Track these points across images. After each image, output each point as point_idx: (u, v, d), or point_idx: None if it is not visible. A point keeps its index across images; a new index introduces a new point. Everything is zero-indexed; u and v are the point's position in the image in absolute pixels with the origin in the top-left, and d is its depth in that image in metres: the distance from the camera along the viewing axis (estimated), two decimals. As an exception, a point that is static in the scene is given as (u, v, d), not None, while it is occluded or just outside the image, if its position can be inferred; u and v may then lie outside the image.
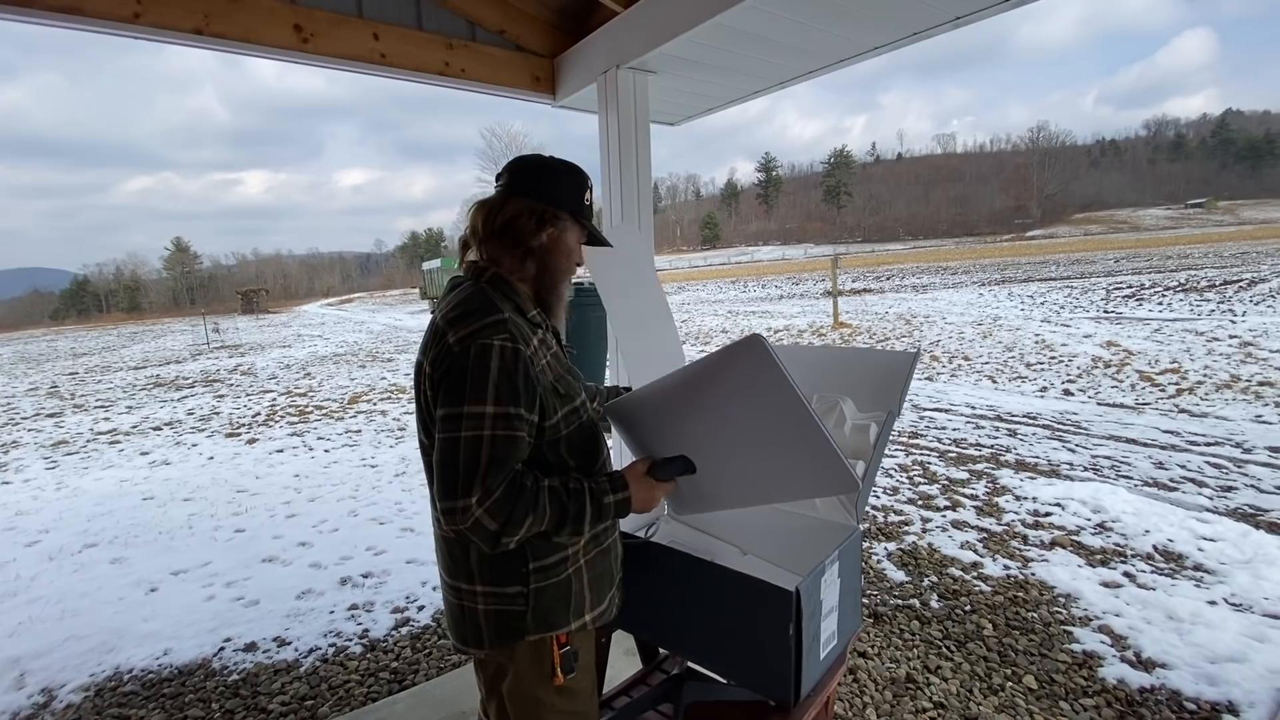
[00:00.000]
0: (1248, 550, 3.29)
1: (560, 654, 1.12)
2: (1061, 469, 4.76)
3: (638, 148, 2.43)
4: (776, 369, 0.98)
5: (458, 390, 1.00)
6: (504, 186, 1.16)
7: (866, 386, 1.65)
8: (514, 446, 1.02)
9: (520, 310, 1.12)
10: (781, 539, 1.53)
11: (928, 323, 13.85)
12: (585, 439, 1.19)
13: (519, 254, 1.15)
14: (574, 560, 1.15)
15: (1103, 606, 2.80)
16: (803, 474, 1.04)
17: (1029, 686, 2.27)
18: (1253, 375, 7.85)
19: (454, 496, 0.97)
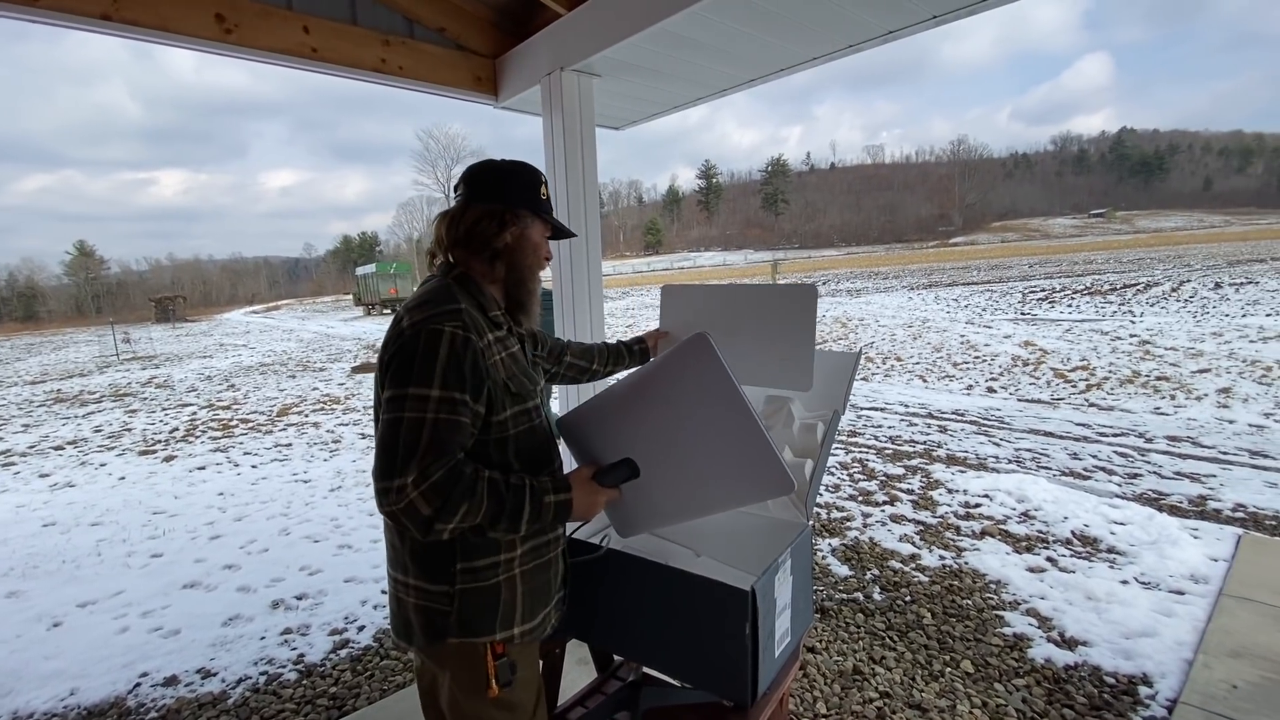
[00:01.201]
0: (1153, 532, 3.56)
1: (495, 665, 1.11)
2: (988, 462, 5.03)
3: (583, 152, 2.42)
4: (720, 367, 1.00)
5: (405, 372, 1.02)
6: (463, 195, 1.20)
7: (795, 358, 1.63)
8: (456, 432, 1.02)
9: (482, 307, 1.15)
10: (734, 540, 1.54)
11: (862, 325, 14.41)
12: (536, 444, 1.19)
13: (486, 257, 1.19)
14: (506, 568, 1.13)
15: (1029, 590, 2.96)
16: (742, 476, 1.06)
17: (966, 671, 2.38)
18: (1151, 371, 8.54)
19: (390, 476, 0.97)
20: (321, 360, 15.06)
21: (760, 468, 1.02)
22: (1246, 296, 14.32)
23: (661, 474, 1.14)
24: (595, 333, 2.44)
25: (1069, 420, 6.47)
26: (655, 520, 1.19)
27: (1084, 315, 13.79)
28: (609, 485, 1.16)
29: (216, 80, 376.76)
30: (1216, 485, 4.38)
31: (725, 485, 1.08)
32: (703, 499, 1.12)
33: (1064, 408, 7.18)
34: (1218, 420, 6.41)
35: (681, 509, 1.15)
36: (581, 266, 2.39)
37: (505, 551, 1.13)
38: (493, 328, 1.15)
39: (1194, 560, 3.22)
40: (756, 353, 1.62)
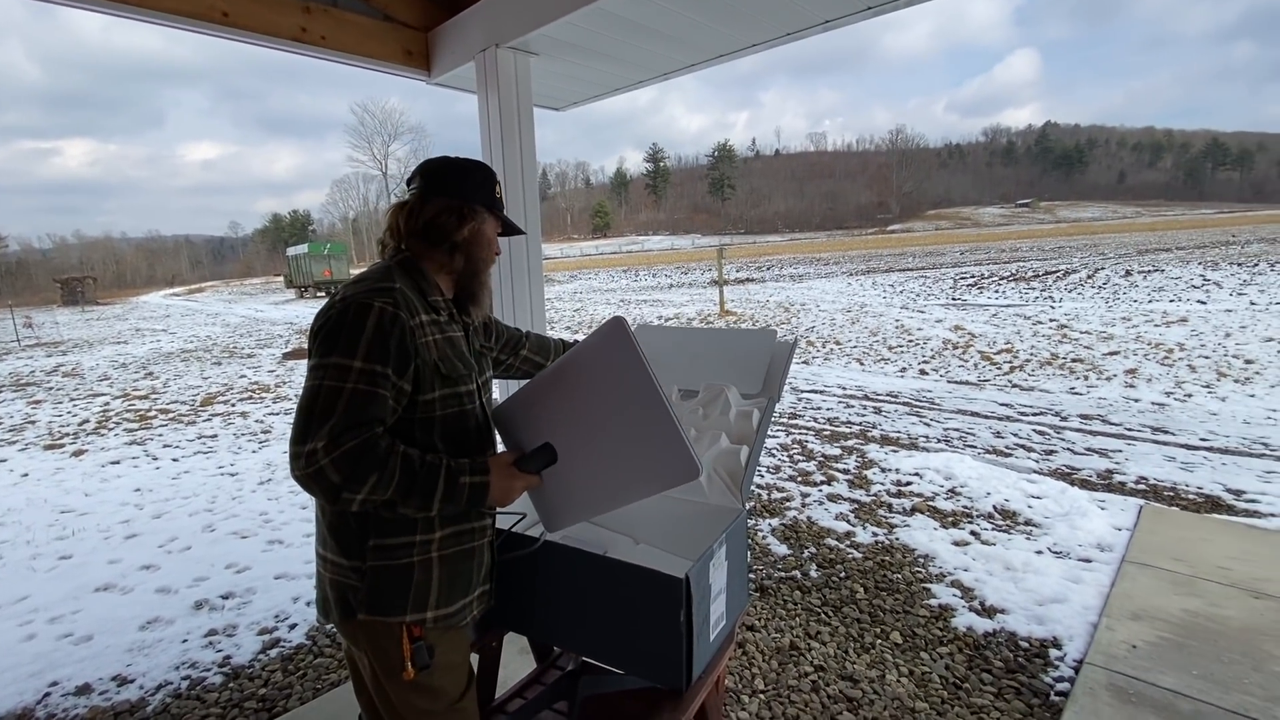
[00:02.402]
0: (1065, 505, 3.82)
1: (412, 647, 1.12)
2: (919, 442, 5.26)
3: (521, 132, 2.35)
4: (633, 350, 1.00)
5: (330, 343, 1.04)
6: (420, 188, 1.22)
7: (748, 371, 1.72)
8: (373, 403, 1.03)
9: (421, 290, 1.17)
10: (672, 526, 1.55)
11: (804, 310, 14.77)
12: (466, 429, 1.19)
13: (444, 249, 1.21)
14: (422, 550, 1.14)
15: (954, 563, 3.13)
16: (651, 463, 1.07)
17: (895, 642, 2.49)
18: (1067, 353, 9.11)
19: (303, 440, 0.98)
20: (250, 346, 14.30)
21: (667, 453, 1.03)
22: (1153, 283, 15.44)
23: (580, 462, 1.14)
24: (536, 318, 2.40)
25: (993, 400, 6.83)
26: (577, 512, 1.19)
27: (1009, 300, 14.56)
28: (529, 471, 1.16)
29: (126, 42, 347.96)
30: (1122, 460, 4.72)
31: (636, 472, 1.09)
32: (616, 488, 1.12)
33: (989, 389, 7.58)
34: (1125, 399, 6.90)
35: (599, 499, 1.15)
36: (521, 250, 2.34)
37: (422, 532, 1.14)
38: (429, 310, 1.18)
39: (1101, 530, 3.47)
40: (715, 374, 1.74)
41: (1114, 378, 7.88)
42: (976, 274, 20.40)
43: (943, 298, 15.74)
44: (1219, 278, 15.40)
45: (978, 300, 14.94)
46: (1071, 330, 10.54)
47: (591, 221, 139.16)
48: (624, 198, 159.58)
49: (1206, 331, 9.65)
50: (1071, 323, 11.12)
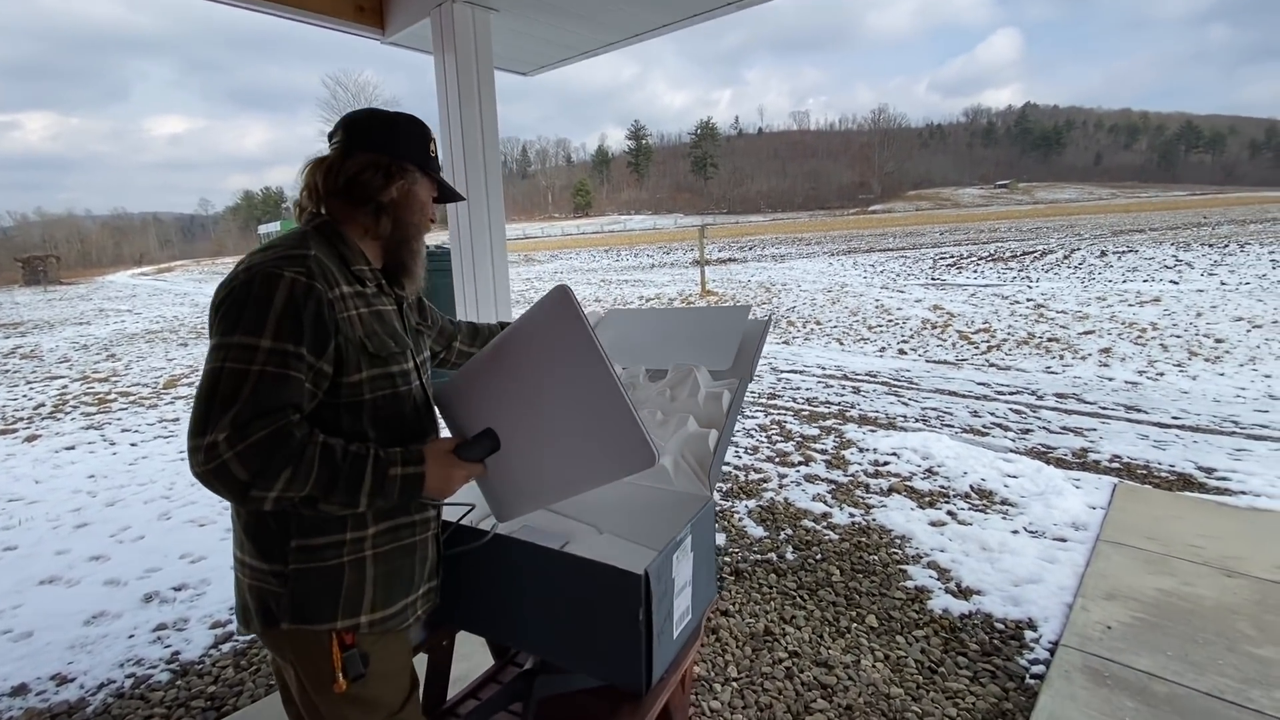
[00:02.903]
0: (1041, 484, 3.81)
1: (343, 656, 1.01)
2: (897, 421, 5.24)
3: (480, 95, 2.19)
4: (580, 322, 0.89)
5: (232, 320, 0.91)
6: (341, 142, 1.08)
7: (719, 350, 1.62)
8: (285, 388, 0.90)
9: (343, 258, 1.05)
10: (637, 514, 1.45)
11: (785, 290, 14.72)
12: (401, 413, 1.07)
13: (369, 211, 1.08)
14: (354, 549, 1.02)
15: (930, 544, 3.09)
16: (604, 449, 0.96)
17: (871, 625, 2.45)
18: (1044, 333, 9.18)
19: (202, 432, 0.85)
20: (220, 327, 13.86)
21: (621, 438, 0.92)
22: (1127, 264, 15.63)
23: (527, 448, 1.03)
24: (500, 301, 2.27)
25: (971, 380, 6.84)
26: (528, 502, 1.08)
27: (987, 281, 14.65)
28: (470, 459, 1.04)
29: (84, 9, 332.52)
30: (1096, 439, 4.74)
31: (587, 460, 0.98)
32: (568, 476, 1.02)
33: (967, 368, 7.60)
34: (1099, 378, 6.96)
35: (550, 488, 1.05)
36: (482, 226, 2.20)
37: (353, 530, 1.02)
38: (353, 281, 1.04)
39: (1076, 509, 3.46)
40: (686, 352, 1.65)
41: (1089, 357, 7.95)
42: (956, 254, 20.50)
43: (922, 278, 15.79)
44: (1191, 258, 15.64)
45: (956, 280, 15.01)
46: (1048, 310, 10.62)
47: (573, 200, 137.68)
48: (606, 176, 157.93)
49: (1179, 311, 9.78)
50: (1048, 302, 11.20)
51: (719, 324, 1.72)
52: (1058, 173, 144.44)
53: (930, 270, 17.07)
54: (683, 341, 1.72)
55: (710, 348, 1.65)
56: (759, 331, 1.66)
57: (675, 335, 1.75)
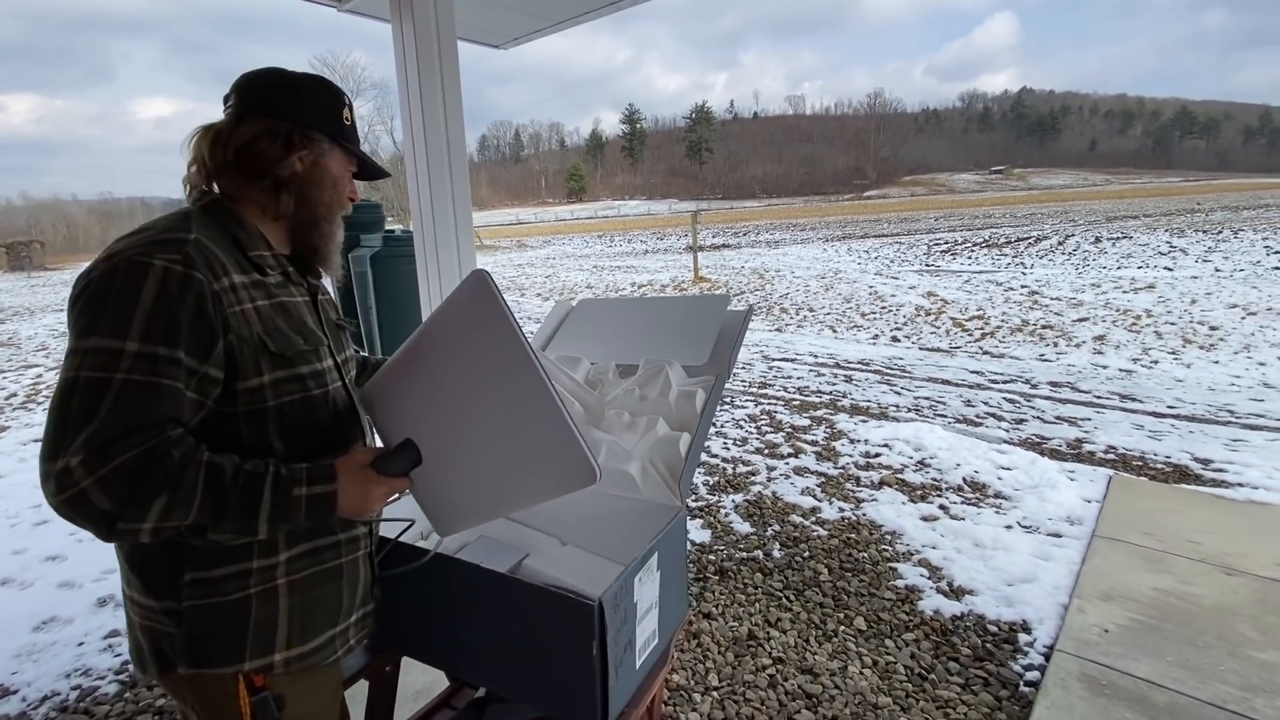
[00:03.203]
0: (1035, 476, 3.72)
1: (252, 701, 0.87)
2: (889, 411, 5.13)
3: (442, 66, 2.03)
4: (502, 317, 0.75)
5: (91, 319, 0.75)
6: (234, 107, 0.93)
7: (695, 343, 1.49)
8: (156, 398, 0.75)
9: (237, 243, 0.90)
10: (603, 525, 1.33)
11: (778, 276, 14.58)
12: (312, 422, 0.92)
13: (267, 186, 0.93)
14: (262, 578, 0.88)
15: (922, 540, 2.99)
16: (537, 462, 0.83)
17: (859, 629, 2.34)
18: (1038, 320, 9.09)
19: (53, 456, 0.71)
20: (204, 313, 13.61)
21: (556, 451, 0.79)
22: (1121, 250, 15.55)
23: (455, 460, 0.89)
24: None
25: (964, 368, 6.75)
26: (465, 518, 0.95)
27: (982, 267, 14.55)
28: (391, 474, 0.90)
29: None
30: (1091, 429, 4.65)
31: (520, 474, 0.85)
32: (502, 492, 0.88)
33: (960, 355, 7.51)
34: (1093, 365, 6.88)
35: (486, 504, 0.91)
36: (446, 208, 2.05)
37: (262, 556, 0.88)
38: (249, 269, 0.89)
39: (1070, 503, 3.37)
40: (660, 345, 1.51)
41: (1083, 344, 7.87)
42: (950, 240, 20.38)
43: (916, 264, 15.67)
44: (1185, 244, 15.58)
45: (951, 266, 14.90)
46: (1042, 297, 10.53)
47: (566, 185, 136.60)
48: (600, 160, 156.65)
49: (1173, 298, 9.71)
50: (1042, 289, 11.11)
51: (696, 315, 1.59)
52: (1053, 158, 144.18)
53: (924, 256, 16.95)
54: (656, 334, 1.59)
55: (686, 340, 1.52)
56: (739, 323, 1.53)
57: (649, 327, 1.62)
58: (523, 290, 16.13)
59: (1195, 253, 14.36)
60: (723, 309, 1.57)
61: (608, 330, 1.66)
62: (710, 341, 1.47)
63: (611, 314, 1.71)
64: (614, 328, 1.66)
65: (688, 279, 15.06)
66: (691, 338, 1.51)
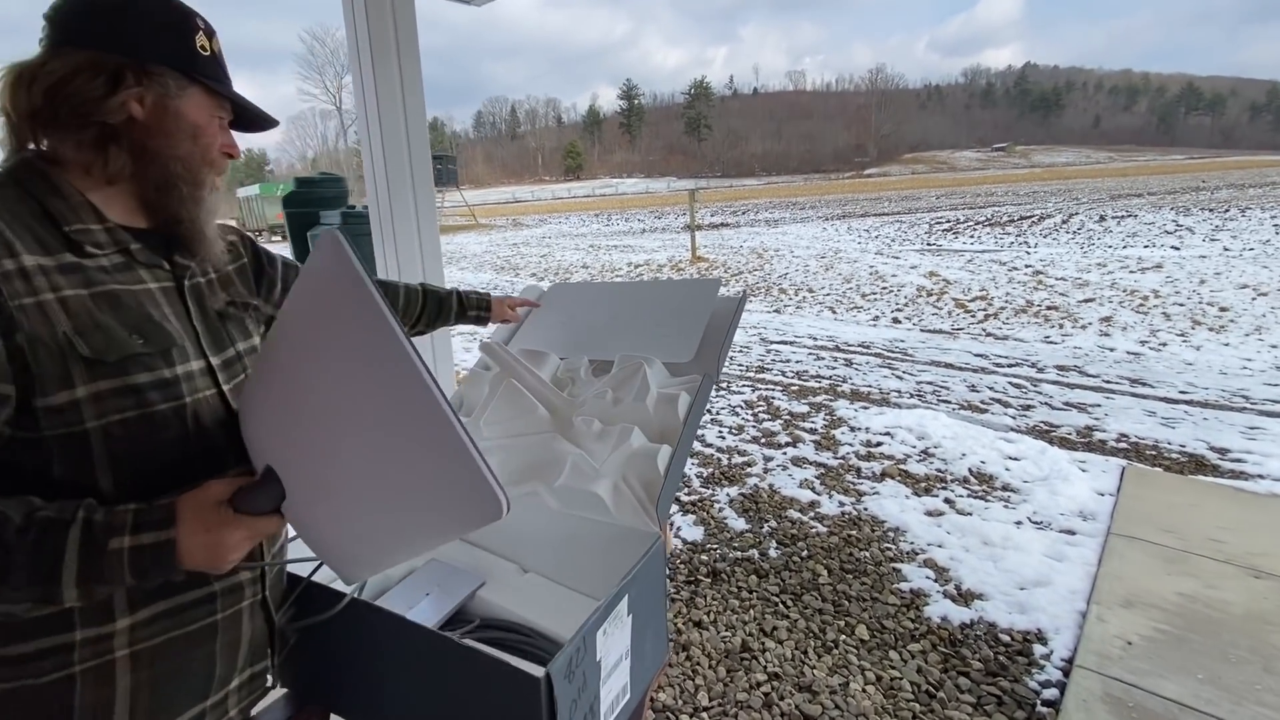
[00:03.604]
0: (1045, 467, 3.54)
1: None
2: (891, 397, 4.95)
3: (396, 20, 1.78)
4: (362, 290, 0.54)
5: None
6: (46, 38, 0.72)
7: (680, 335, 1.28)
8: None
9: (49, 214, 0.68)
10: (570, 549, 1.14)
11: (777, 256, 14.31)
12: (154, 449, 0.70)
13: (89, 138, 0.70)
14: (92, 652, 0.68)
15: (927, 538, 2.82)
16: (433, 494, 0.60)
17: (861, 638, 2.18)
18: (1042, 301, 8.87)
19: None
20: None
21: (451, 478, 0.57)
22: (1126, 229, 15.28)
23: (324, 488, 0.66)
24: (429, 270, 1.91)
25: (968, 351, 6.56)
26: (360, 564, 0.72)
27: (984, 246, 14.28)
28: (255, 512, 0.67)
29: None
30: (1101, 415, 4.47)
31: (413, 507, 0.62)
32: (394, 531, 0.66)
33: (963, 338, 7.31)
34: (1100, 348, 6.69)
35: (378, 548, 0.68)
36: (403, 179, 1.82)
37: (89, 625, 0.67)
38: (58, 248, 0.67)
39: (1082, 496, 3.20)
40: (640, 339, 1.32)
41: (1089, 326, 7.68)
42: (952, 219, 20.06)
43: (918, 243, 15.40)
44: (1191, 223, 15.31)
45: (953, 246, 14.64)
46: (1047, 277, 10.29)
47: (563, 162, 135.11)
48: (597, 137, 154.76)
49: (1181, 278, 9.48)
50: (1047, 269, 10.87)
51: (682, 302, 1.38)
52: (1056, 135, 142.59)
53: (926, 235, 16.66)
54: (636, 324, 1.38)
55: (669, 333, 1.31)
56: (731, 312, 1.33)
57: (628, 316, 1.41)
58: (517, 270, 15.85)
59: (1202, 231, 14.10)
60: (713, 295, 1.36)
61: (581, 320, 1.46)
62: (698, 334, 1.27)
63: (586, 301, 1.50)
64: (588, 317, 1.45)
65: (685, 258, 14.78)
66: (676, 329, 1.31)
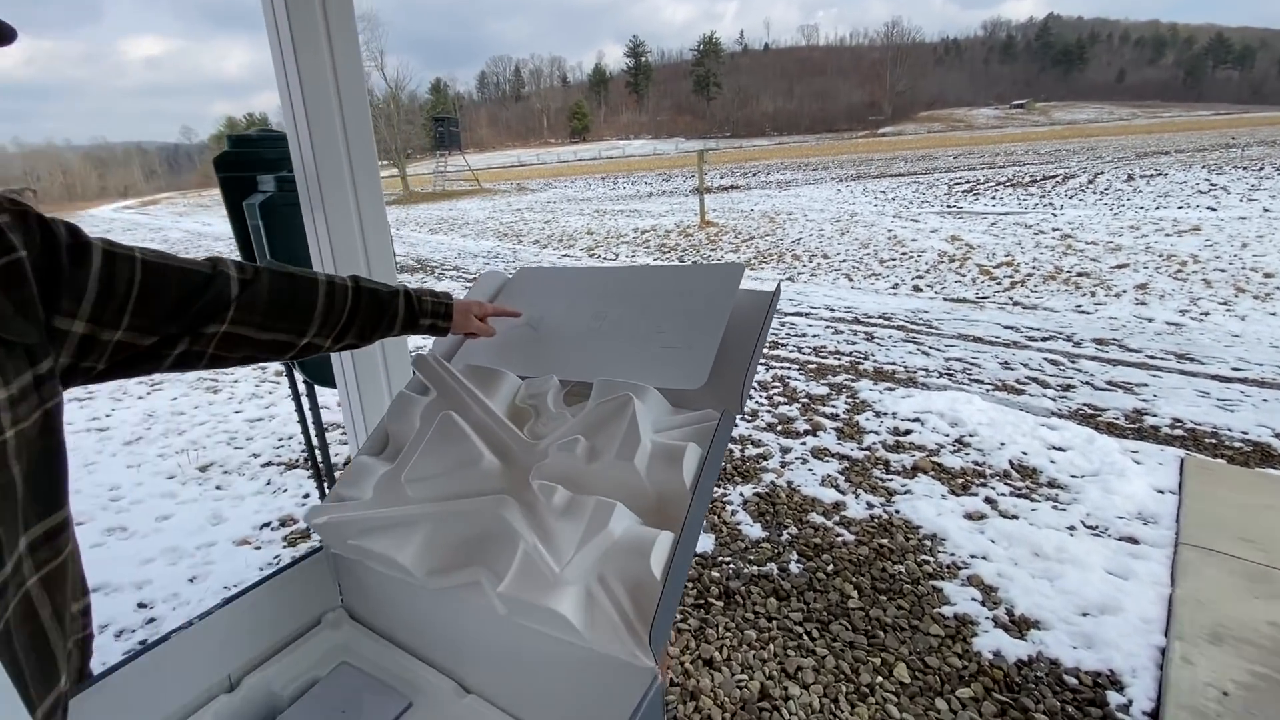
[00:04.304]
0: (1094, 459, 3.18)
1: None
2: (918, 376, 4.56)
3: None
4: None
5: None
6: None
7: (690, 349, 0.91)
8: None
9: None
10: (526, 673, 0.79)
11: (790, 220, 13.73)
12: None
13: None
14: None
15: (970, 548, 2.49)
16: None
17: (901, 680, 1.86)
18: (1072, 266, 8.36)
19: None
20: (186, 264, 12.99)
21: None
22: (1157, 189, 14.53)
23: None
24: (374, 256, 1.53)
25: (996, 323, 6.13)
26: None
27: (1008, 208, 13.62)
28: None
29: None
30: (1150, 396, 4.08)
31: None
32: None
33: (989, 308, 6.87)
34: (1137, 319, 6.24)
35: None
36: (333, 145, 1.43)
37: None
38: None
39: (1141, 494, 2.84)
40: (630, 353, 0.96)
41: (1123, 294, 7.20)
42: (972, 179, 19.23)
43: (937, 205, 14.73)
44: (1225, 182, 14.53)
45: (974, 208, 13.98)
46: (1076, 240, 9.73)
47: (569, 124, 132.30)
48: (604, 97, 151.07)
49: (1221, 241, 8.91)
50: (1076, 232, 10.29)
51: (692, 299, 1.00)
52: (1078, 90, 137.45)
53: (945, 197, 15.96)
54: (626, 331, 1.01)
55: (671, 344, 0.94)
56: (759, 312, 0.95)
57: (615, 318, 1.04)
58: (520, 237, 15.37)
59: (1238, 191, 13.36)
60: (734, 286, 0.99)
61: (555, 320, 1.09)
62: (712, 347, 0.90)
63: (561, 294, 1.13)
64: (563, 316, 1.08)
65: (694, 223, 14.23)
66: (682, 339, 0.94)
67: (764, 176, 28.61)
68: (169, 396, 4.67)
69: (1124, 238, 9.67)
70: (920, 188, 18.22)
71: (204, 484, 3.18)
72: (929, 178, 21.22)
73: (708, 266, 1.06)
